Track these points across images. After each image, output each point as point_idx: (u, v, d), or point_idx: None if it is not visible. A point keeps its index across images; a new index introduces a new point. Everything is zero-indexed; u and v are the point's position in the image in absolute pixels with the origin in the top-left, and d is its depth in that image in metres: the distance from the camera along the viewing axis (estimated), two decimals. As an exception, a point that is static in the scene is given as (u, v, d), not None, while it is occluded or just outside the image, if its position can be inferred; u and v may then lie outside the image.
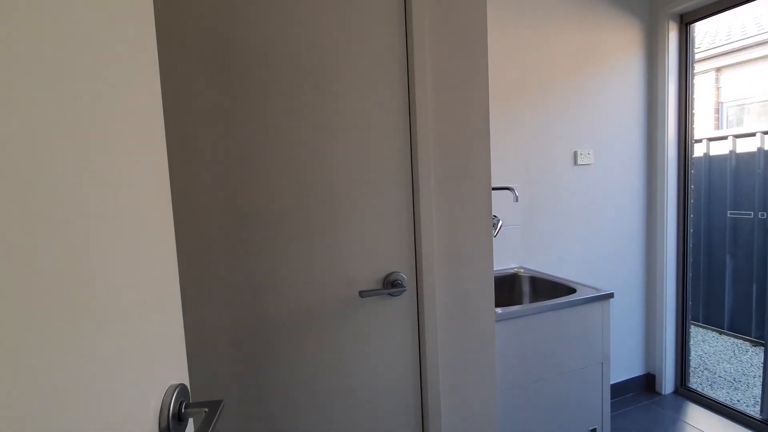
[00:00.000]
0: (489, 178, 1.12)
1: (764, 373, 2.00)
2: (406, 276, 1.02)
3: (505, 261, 1.89)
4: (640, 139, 2.23)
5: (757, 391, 2.45)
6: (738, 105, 4.22)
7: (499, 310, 1.30)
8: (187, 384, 0.52)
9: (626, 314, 2.27)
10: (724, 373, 2.71)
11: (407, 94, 1.02)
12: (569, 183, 2.06)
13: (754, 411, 2.12)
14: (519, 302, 1.81)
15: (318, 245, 0.95)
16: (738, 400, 2.33)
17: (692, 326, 3.42)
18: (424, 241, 1.02)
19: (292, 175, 0.94)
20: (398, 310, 1.03)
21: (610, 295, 1.44)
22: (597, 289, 1.48)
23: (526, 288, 1.79)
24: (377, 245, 1.00)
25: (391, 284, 0.99)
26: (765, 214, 2.97)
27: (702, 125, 4.40)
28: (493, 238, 1.82)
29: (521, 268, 1.89)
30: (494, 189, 1.74)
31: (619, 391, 2.26)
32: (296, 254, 0.94)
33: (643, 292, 2.31)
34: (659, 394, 2.30)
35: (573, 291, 1.50)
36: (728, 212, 3.17)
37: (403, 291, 1.00)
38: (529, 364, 1.35)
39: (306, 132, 0.94)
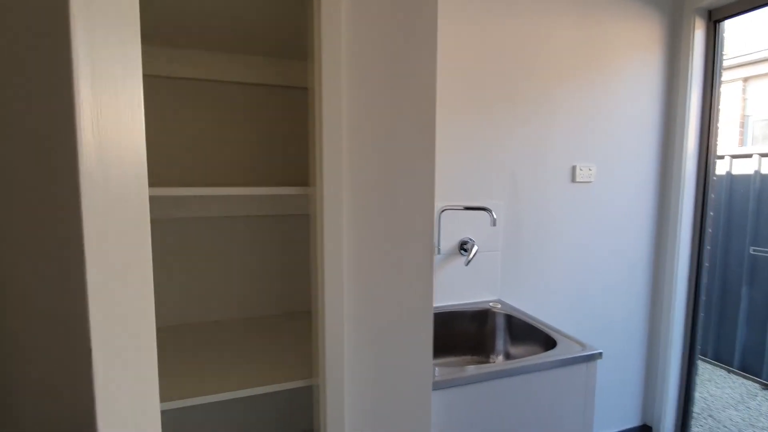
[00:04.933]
0: (432, 204, 0.83)
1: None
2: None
3: (478, 292, 1.60)
4: (653, 154, 1.91)
5: (769, 449, 2.14)
6: (766, 120, 3.84)
7: (438, 370, 1.01)
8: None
9: (624, 354, 1.96)
10: (729, 422, 2.39)
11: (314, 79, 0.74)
12: (564, 203, 1.75)
13: (765, 479, 1.82)
14: (491, 345, 1.52)
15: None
16: (746, 461, 2.03)
17: (698, 361, 3.10)
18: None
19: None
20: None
21: (598, 356, 1.15)
22: (582, 345, 1.18)
23: (499, 328, 1.50)
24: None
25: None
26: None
27: (724, 140, 4.03)
28: (467, 266, 1.54)
29: (498, 302, 1.59)
30: (469, 209, 1.45)
31: (608, 444, 1.97)
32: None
33: (644, 333, 2.00)
34: (655, 450, 2.00)
35: (553, 344, 1.21)
36: (751, 248, 2.82)
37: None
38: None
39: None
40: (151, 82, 1.08)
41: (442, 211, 1.50)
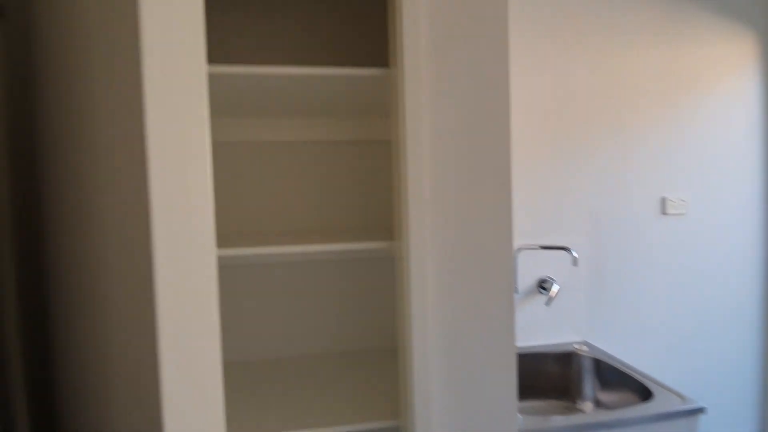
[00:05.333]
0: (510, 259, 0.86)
1: None
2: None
3: (562, 333, 1.54)
4: (756, 178, 1.73)
5: None
6: None
7: (522, 418, 1.00)
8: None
9: (733, 408, 1.74)
10: None
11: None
12: (654, 238, 1.64)
13: None
14: (577, 389, 1.45)
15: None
16: None
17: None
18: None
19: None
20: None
21: (700, 411, 1.05)
22: (682, 398, 1.09)
23: (586, 372, 1.43)
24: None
25: None
26: None
27: None
28: (548, 306, 1.50)
29: (584, 344, 1.52)
30: (547, 248, 1.43)
31: None
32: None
33: (758, 383, 1.76)
34: None
35: (648, 394, 1.13)
36: None
37: None
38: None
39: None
40: (248, 148, 1.25)
41: (518, 250, 1.50)
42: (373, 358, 1.26)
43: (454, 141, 0.87)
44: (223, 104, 1.10)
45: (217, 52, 1.18)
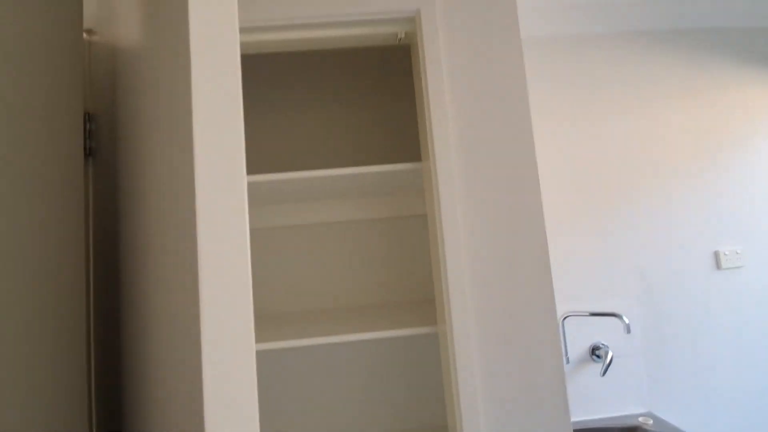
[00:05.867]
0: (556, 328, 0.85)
1: None
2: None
3: (621, 405, 1.45)
4: (818, 225, 1.64)
5: None
6: None
7: None
8: None
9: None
10: None
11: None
12: (711, 295, 1.56)
13: None
14: (648, 471, 1.33)
15: None
16: None
17: None
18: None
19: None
20: None
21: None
22: (771, 486, 0.98)
23: (656, 451, 1.32)
24: None
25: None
26: None
27: None
28: (603, 375, 1.43)
29: (649, 416, 1.42)
30: (595, 315, 1.39)
31: None
32: None
33: None
34: None
35: (729, 481, 1.03)
36: None
37: None
38: None
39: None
40: (289, 231, 1.34)
41: (565, 318, 1.46)
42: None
43: (488, 220, 0.91)
44: (269, 197, 1.20)
45: (267, 156, 1.32)
